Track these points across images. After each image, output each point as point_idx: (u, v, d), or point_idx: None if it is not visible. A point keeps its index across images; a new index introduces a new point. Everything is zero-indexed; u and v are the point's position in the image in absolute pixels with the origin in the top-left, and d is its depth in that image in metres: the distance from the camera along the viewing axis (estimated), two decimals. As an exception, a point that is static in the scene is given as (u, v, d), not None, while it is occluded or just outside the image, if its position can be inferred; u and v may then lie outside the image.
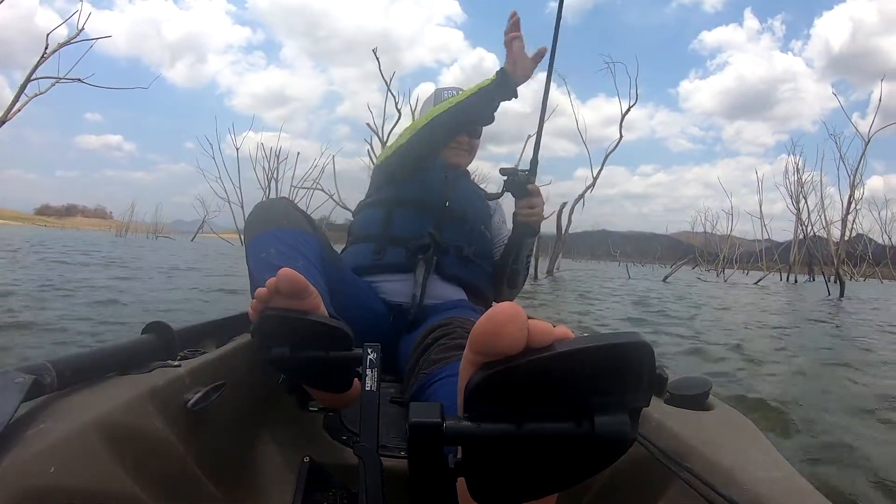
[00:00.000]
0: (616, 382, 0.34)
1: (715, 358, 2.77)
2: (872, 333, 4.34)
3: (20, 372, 0.48)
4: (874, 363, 2.86)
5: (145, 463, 0.52)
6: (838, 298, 9.33)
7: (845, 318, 5.75)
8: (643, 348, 0.34)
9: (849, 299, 9.35)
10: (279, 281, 0.62)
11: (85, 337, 2.31)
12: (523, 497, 0.37)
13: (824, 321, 5.20)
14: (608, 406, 0.34)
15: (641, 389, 0.35)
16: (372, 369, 0.60)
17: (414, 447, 0.37)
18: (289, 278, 0.62)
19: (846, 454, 1.40)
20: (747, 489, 0.45)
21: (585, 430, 0.34)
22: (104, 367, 0.60)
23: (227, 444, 0.70)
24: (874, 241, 24.89)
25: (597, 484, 0.66)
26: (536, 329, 0.34)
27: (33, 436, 0.43)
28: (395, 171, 1.17)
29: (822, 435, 1.55)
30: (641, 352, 0.34)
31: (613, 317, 4.69)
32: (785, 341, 3.63)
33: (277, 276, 0.62)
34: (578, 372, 0.33)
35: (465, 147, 1.27)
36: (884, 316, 6.17)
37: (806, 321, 5.17)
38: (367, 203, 1.21)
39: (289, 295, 0.63)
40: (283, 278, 0.62)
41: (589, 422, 0.34)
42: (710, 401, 0.67)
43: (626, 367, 0.34)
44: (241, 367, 0.79)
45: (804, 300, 8.79)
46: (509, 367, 0.34)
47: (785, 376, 2.46)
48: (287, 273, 0.62)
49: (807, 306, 7.36)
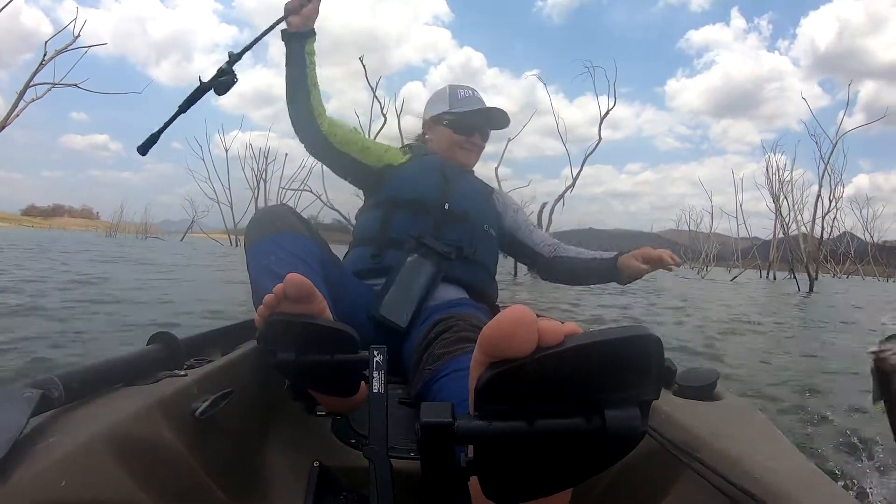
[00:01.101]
0: (625, 376, 0.34)
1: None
2: (797, 324, 4.94)
3: (27, 387, 0.48)
4: (773, 352, 3.20)
5: (155, 473, 0.52)
6: (806, 294, 9.52)
7: (790, 310, 6.14)
8: (651, 341, 0.33)
9: (817, 293, 9.59)
10: (287, 286, 0.62)
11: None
12: (536, 494, 0.37)
13: (777, 311, 5.85)
14: (618, 400, 0.34)
15: (650, 382, 0.34)
16: (379, 371, 0.60)
17: (426, 447, 0.36)
18: (297, 283, 0.62)
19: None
20: (758, 478, 0.45)
21: (596, 425, 0.34)
22: (111, 378, 0.60)
23: (236, 451, 0.70)
24: (857, 238, 25.13)
25: (607, 476, 0.66)
26: (547, 329, 0.34)
27: (42, 450, 0.43)
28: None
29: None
30: (649, 344, 0.33)
31: (568, 302, 5.43)
32: (705, 324, 4.27)
33: (285, 281, 0.62)
34: (587, 367, 0.33)
35: (478, 148, 1.29)
36: (832, 314, 6.38)
37: (753, 311, 5.78)
38: (367, 206, 1.21)
39: (296, 300, 0.63)
40: (290, 283, 0.62)
41: (599, 417, 0.34)
42: (718, 391, 0.67)
43: (635, 361, 0.34)
44: (247, 373, 0.79)
45: (769, 295, 9.03)
46: (519, 365, 0.34)
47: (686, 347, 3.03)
48: (295, 278, 0.62)
49: (764, 299, 7.71)
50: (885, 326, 3.56)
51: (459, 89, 1.29)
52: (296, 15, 1.08)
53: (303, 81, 1.10)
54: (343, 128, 1.16)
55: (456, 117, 1.25)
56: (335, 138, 1.13)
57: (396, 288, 1.00)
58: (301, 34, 1.09)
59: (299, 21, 1.08)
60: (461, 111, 1.25)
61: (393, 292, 1.00)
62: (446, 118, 1.26)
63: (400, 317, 0.97)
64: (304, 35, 1.09)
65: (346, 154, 1.15)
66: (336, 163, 1.18)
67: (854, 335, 4.14)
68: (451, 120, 1.25)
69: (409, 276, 1.02)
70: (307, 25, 1.09)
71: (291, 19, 1.08)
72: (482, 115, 1.26)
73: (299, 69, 1.10)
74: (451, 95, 1.28)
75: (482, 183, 1.32)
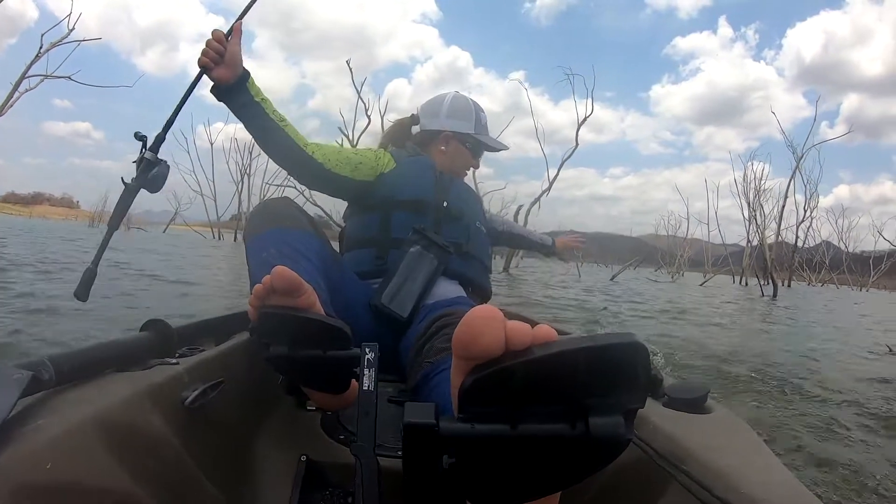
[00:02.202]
0: (611, 383, 0.33)
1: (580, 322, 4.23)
2: (723, 320, 5.40)
3: (18, 368, 0.48)
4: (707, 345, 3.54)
5: (142, 460, 0.52)
6: (771, 298, 9.89)
7: (739, 315, 6.50)
8: (637, 349, 0.33)
9: (774, 299, 10.01)
10: (274, 279, 0.62)
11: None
12: (518, 499, 0.37)
13: (731, 314, 6.31)
14: (603, 407, 0.33)
15: (636, 390, 0.34)
16: (370, 369, 0.60)
17: (408, 447, 0.36)
18: (283, 276, 0.62)
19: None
20: (744, 493, 0.45)
21: (580, 432, 0.33)
22: (102, 363, 0.60)
23: (225, 441, 0.70)
24: (836, 248, 25.53)
25: (595, 487, 0.66)
26: (514, 331, 0.34)
27: (30, 432, 0.43)
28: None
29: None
30: (636, 352, 0.33)
31: (531, 296, 6.18)
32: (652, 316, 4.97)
33: (272, 273, 0.62)
34: (572, 373, 0.33)
35: (476, 167, 1.32)
36: (789, 316, 6.73)
37: (691, 306, 6.64)
38: (359, 208, 1.17)
39: (284, 293, 0.63)
40: (277, 276, 0.62)
41: (584, 423, 0.33)
42: (709, 404, 0.67)
43: (621, 368, 0.33)
44: (239, 365, 0.79)
45: (725, 296, 9.48)
46: (500, 369, 0.33)
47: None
48: (281, 271, 0.62)
49: (717, 300, 8.27)
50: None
51: (481, 113, 1.29)
52: (219, 67, 0.94)
53: (267, 124, 1.00)
54: (332, 149, 1.12)
55: (478, 144, 1.27)
56: (330, 163, 1.08)
57: (399, 277, 1.00)
58: (235, 84, 0.96)
59: (226, 72, 0.95)
60: (484, 141, 1.27)
61: (395, 282, 1.00)
62: (470, 141, 1.26)
63: (401, 306, 0.98)
64: (239, 83, 0.96)
65: (343, 176, 1.10)
66: (333, 186, 1.12)
67: (743, 330, 4.79)
68: (474, 144, 1.26)
69: (412, 266, 1.02)
70: (236, 71, 0.95)
71: (215, 74, 0.94)
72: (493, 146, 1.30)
73: (255, 117, 0.99)
74: (476, 118, 1.27)
75: (467, 184, 1.33)
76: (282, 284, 0.62)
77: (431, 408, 0.36)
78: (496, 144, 1.31)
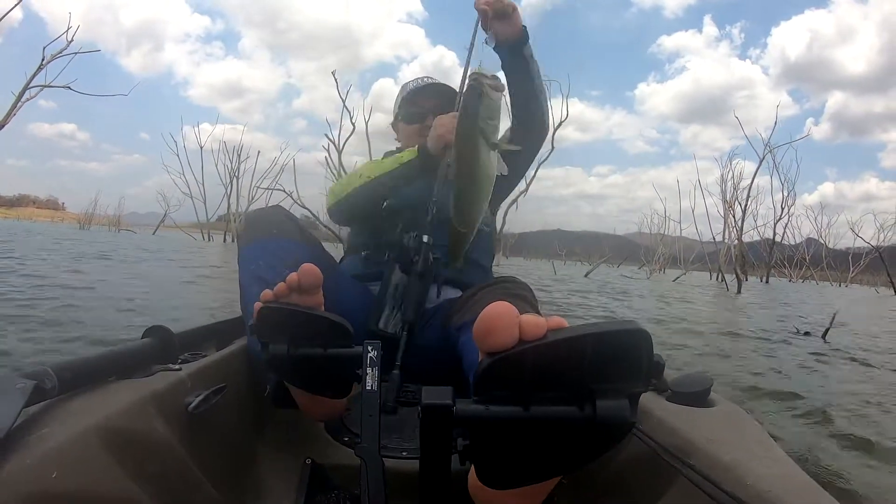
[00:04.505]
0: (616, 369, 0.36)
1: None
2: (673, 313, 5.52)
3: (21, 377, 0.48)
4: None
5: (147, 467, 0.52)
6: (736, 293, 10.18)
7: (678, 303, 6.76)
8: (641, 335, 0.35)
9: (747, 293, 10.44)
10: (302, 276, 0.63)
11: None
12: (529, 480, 0.39)
13: (670, 302, 6.66)
14: (609, 391, 0.36)
15: (640, 375, 0.36)
16: (373, 368, 0.59)
17: (426, 428, 0.38)
18: (311, 273, 0.63)
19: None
20: (749, 485, 0.45)
21: (588, 414, 0.36)
22: (105, 371, 0.60)
23: (229, 446, 0.69)
24: (819, 244, 25.82)
25: (601, 480, 0.66)
26: (528, 324, 0.36)
27: (35, 441, 0.43)
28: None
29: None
30: (639, 339, 0.35)
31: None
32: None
33: (300, 271, 0.63)
34: (580, 359, 0.35)
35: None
36: (739, 307, 6.99)
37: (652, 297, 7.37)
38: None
39: (307, 290, 0.64)
40: (305, 273, 0.63)
41: (591, 406, 0.35)
42: (712, 398, 0.67)
43: (626, 354, 0.35)
44: (241, 369, 0.79)
45: (689, 292, 9.71)
46: (514, 354, 0.35)
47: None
48: (309, 268, 0.63)
49: (677, 294, 8.69)
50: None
51: (412, 82, 1.22)
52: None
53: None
54: (343, 185, 1.12)
55: (403, 106, 1.20)
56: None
57: (388, 308, 0.95)
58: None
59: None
60: (406, 97, 1.20)
61: (386, 312, 0.95)
62: (399, 113, 1.22)
63: (398, 329, 0.95)
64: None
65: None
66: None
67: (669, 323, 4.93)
68: (402, 111, 1.20)
69: (399, 291, 0.97)
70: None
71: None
72: (430, 95, 1.18)
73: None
74: (402, 90, 1.22)
75: None
76: (309, 281, 0.63)
77: (448, 391, 0.38)
78: (414, 85, 1.22)
